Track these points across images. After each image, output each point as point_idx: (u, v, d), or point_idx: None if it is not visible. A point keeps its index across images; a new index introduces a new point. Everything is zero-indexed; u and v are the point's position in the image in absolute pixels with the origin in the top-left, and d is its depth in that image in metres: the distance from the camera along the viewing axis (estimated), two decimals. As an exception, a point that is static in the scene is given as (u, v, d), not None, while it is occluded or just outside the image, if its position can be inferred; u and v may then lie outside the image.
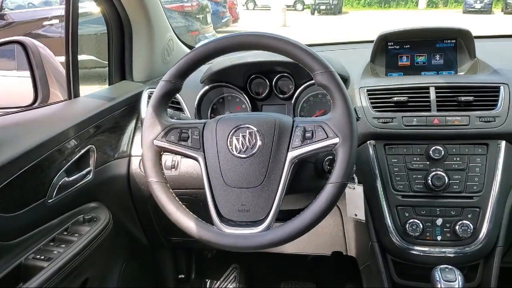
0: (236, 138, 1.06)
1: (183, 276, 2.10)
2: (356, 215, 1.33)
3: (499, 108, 1.32)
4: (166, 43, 1.87)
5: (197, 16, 7.33)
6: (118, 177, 1.58)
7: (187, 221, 1.06)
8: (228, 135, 1.07)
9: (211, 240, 1.04)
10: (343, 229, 1.65)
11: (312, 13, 20.25)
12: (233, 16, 12.25)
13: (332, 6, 19.88)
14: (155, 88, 1.13)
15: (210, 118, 1.16)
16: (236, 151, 1.06)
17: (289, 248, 1.78)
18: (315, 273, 2.20)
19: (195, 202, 1.48)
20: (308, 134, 1.03)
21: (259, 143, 1.05)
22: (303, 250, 1.81)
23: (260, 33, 1.05)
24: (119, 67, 1.79)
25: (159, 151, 1.11)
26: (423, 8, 22.55)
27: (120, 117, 1.59)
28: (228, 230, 1.03)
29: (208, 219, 1.06)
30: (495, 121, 1.30)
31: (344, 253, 1.75)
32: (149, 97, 1.58)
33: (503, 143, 1.31)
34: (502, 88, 1.35)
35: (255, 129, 1.06)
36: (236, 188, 1.05)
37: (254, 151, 1.05)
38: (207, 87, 1.52)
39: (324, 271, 2.19)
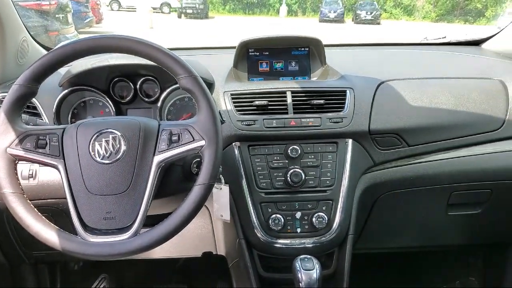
0: (98, 144, 1.03)
1: None
2: (222, 215, 1.38)
3: (346, 110, 1.47)
4: (19, 44, 1.73)
5: (57, 16, 6.81)
6: None
7: (48, 233, 1.00)
8: (90, 141, 1.04)
9: (75, 250, 1.00)
10: (212, 229, 1.69)
11: (179, 16, 20.20)
12: (96, 16, 11.66)
13: (199, 10, 20.11)
14: (7, 92, 1.05)
15: (71, 123, 1.11)
16: (99, 157, 1.03)
17: (159, 252, 1.78)
18: (187, 275, 2.21)
19: (57, 213, 1.40)
20: (174, 138, 1.04)
21: (123, 148, 1.03)
22: (174, 254, 1.82)
23: (121, 36, 1.03)
24: None
25: (14, 160, 1.03)
26: (284, 16, 23.83)
27: None
28: (93, 239, 1.00)
29: (73, 230, 1.02)
30: (342, 121, 1.45)
31: (214, 253, 1.79)
32: (1, 102, 1.46)
33: (350, 141, 1.47)
34: (348, 92, 1.50)
35: (119, 133, 1.04)
36: (100, 196, 1.02)
37: (118, 157, 1.03)
38: (66, 91, 1.43)
39: (195, 272, 2.22)
